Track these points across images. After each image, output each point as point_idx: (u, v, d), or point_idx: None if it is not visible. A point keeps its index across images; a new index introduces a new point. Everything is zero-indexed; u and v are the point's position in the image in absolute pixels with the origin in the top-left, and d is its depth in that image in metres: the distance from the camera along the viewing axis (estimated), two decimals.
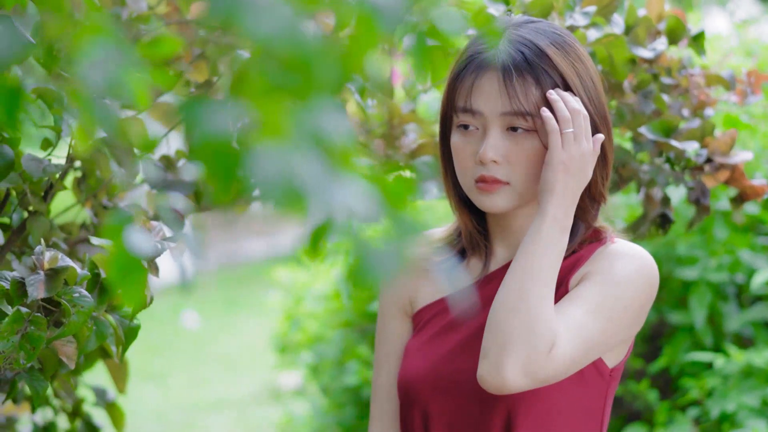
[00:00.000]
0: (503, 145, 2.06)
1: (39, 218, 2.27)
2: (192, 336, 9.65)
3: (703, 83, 2.67)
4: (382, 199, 0.85)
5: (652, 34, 2.59)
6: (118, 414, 2.81)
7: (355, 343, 5.18)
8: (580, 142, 2.02)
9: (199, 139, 0.78)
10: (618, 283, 2.06)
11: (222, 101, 0.82)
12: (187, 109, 0.81)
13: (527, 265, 2.02)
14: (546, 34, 2.09)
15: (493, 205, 2.09)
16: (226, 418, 6.95)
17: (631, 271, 2.08)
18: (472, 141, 2.09)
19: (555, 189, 2.02)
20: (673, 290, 4.21)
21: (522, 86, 2.04)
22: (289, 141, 0.82)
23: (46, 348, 2.07)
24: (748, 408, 3.72)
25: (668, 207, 2.68)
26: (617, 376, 2.15)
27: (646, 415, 4.23)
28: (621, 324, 2.07)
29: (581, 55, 2.11)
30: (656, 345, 4.33)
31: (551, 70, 2.05)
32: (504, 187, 2.07)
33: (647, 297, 2.11)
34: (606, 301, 2.04)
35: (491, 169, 2.06)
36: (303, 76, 0.78)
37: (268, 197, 0.82)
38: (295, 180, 0.81)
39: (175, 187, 2.43)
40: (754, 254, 4.06)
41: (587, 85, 2.09)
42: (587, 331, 2.01)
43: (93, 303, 2.01)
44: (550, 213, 2.02)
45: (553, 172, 2.02)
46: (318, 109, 0.83)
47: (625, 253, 2.10)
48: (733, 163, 2.58)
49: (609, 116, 2.14)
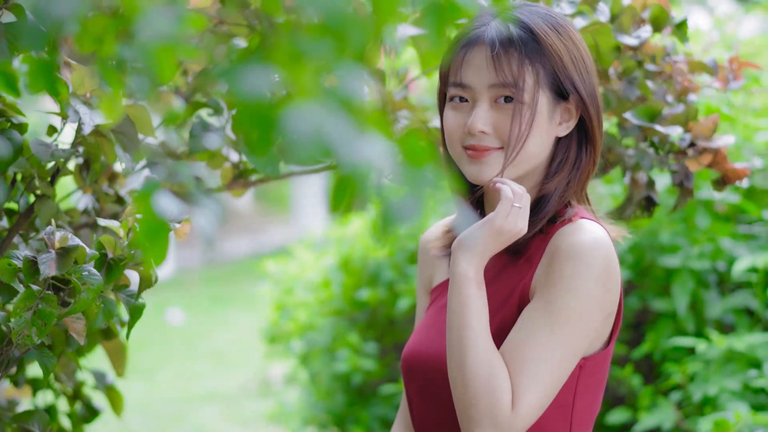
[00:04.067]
0: (492, 116, 2.10)
1: (46, 201, 2.34)
2: (178, 332, 9.71)
3: (687, 70, 2.73)
4: (402, 156, 0.93)
5: (636, 22, 2.66)
6: (117, 397, 2.87)
7: (345, 331, 5.26)
8: (518, 220, 2.05)
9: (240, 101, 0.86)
10: (568, 289, 2.02)
11: (257, 67, 0.90)
12: (228, 74, 0.88)
13: (458, 336, 2.02)
14: (540, 15, 2.14)
15: (482, 173, 2.12)
16: (215, 411, 7.00)
17: (580, 272, 2.03)
18: (463, 113, 2.14)
19: (475, 248, 2.04)
20: (656, 278, 4.27)
21: (509, 59, 2.08)
22: (318, 102, 0.90)
23: (55, 325, 2.14)
24: (729, 392, 3.77)
25: (653, 190, 2.74)
26: (593, 367, 2.12)
27: (629, 399, 4.29)
28: (583, 329, 2.04)
29: (575, 38, 2.15)
30: (639, 331, 4.39)
31: (544, 49, 2.10)
32: (494, 152, 2.11)
33: (602, 289, 2.05)
34: (559, 318, 2.02)
35: (481, 138, 2.10)
36: (335, 41, 0.86)
37: (299, 155, 0.90)
38: (325, 138, 0.89)
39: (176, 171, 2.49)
40: (735, 242, 4.13)
41: (580, 67, 2.13)
42: (547, 366, 2.00)
43: (101, 281, 2.07)
44: (462, 269, 2.03)
45: (485, 234, 2.04)
46: (344, 73, 0.91)
47: (575, 252, 2.04)
48: (716, 147, 2.64)
49: (600, 100, 2.18)
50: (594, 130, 2.17)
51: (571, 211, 2.15)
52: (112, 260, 2.15)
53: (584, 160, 2.17)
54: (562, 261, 2.04)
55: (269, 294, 5.98)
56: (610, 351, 2.16)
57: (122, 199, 2.66)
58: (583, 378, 2.11)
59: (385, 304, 5.23)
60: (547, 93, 2.10)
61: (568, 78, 2.12)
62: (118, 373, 2.79)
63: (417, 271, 2.44)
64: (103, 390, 2.89)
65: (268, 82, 0.90)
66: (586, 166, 2.18)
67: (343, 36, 0.87)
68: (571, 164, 2.17)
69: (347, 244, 5.43)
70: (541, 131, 2.11)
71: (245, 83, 0.91)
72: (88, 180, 2.44)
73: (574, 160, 2.17)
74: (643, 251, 4.28)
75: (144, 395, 7.39)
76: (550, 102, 2.11)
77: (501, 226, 2.03)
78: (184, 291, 11.91)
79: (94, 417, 2.90)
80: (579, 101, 2.13)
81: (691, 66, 2.75)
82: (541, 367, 2.00)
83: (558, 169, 2.16)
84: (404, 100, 2.79)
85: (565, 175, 2.15)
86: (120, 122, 2.26)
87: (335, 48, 0.87)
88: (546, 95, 2.10)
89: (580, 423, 2.13)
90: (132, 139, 2.30)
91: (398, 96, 2.79)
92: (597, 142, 2.18)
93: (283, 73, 0.91)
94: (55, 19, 0.90)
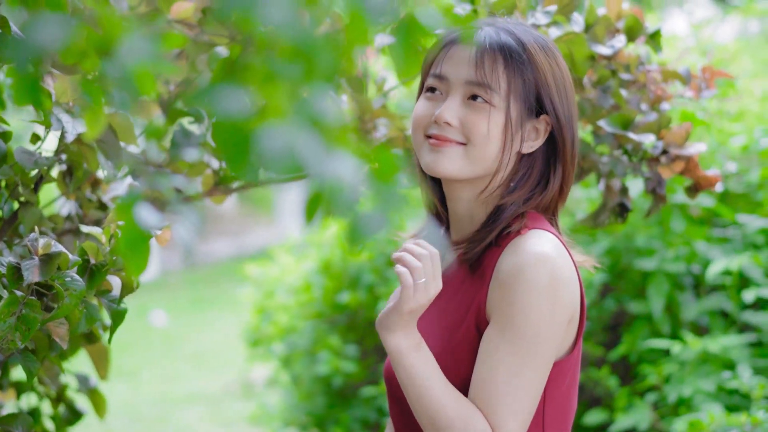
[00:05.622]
0: (461, 111, 2.10)
1: (30, 208, 2.37)
2: (162, 334, 9.73)
3: (660, 79, 2.76)
4: (370, 172, 0.98)
5: (611, 31, 2.69)
6: (100, 400, 2.91)
7: (326, 334, 5.30)
8: (428, 288, 2.04)
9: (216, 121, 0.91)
10: (518, 312, 2.01)
11: (231, 88, 0.95)
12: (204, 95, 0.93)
13: (421, 404, 2.04)
14: (532, 34, 2.15)
15: (438, 164, 2.11)
16: (198, 412, 7.02)
17: (524, 293, 2.02)
18: (434, 104, 2.15)
19: (395, 328, 2.05)
20: (632, 280, 4.33)
21: (492, 62, 2.10)
22: (290, 122, 0.95)
23: (38, 330, 2.17)
24: (703, 393, 3.83)
25: (626, 197, 2.77)
26: (559, 372, 2.13)
27: (606, 400, 4.35)
28: (544, 345, 2.03)
29: (561, 64, 2.16)
30: (616, 333, 4.45)
31: (528, 63, 2.10)
32: (456, 147, 2.11)
33: (551, 302, 2.03)
34: (516, 342, 2.01)
35: (444, 129, 2.10)
36: (306, 65, 0.91)
37: (273, 170, 0.95)
38: (297, 156, 0.94)
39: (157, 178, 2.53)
40: (710, 245, 4.19)
41: (561, 90, 2.14)
42: (519, 391, 2.02)
43: (84, 287, 2.11)
44: (392, 347, 2.05)
45: (399, 317, 2.04)
46: (315, 93, 0.96)
47: (516, 272, 2.03)
48: (688, 155, 2.67)
49: (576, 124, 2.17)
50: (566, 155, 2.16)
51: (523, 222, 2.12)
52: (95, 266, 2.17)
53: (551, 184, 2.16)
54: (507, 284, 2.03)
55: (250, 297, 6.02)
56: (577, 354, 2.16)
57: (105, 206, 2.69)
58: (550, 384, 2.10)
59: (365, 306, 5.27)
60: (518, 105, 2.10)
61: (549, 96, 2.12)
62: (101, 376, 2.82)
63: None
64: (86, 393, 2.93)
65: (243, 101, 0.95)
66: (551, 192, 2.16)
67: (312, 59, 0.92)
68: (533, 184, 2.15)
69: (327, 248, 5.47)
70: (507, 139, 2.10)
71: (221, 103, 0.96)
72: (72, 187, 2.46)
73: (537, 180, 2.15)
74: (620, 254, 4.34)
75: (127, 397, 7.42)
76: (519, 115, 2.10)
77: (411, 308, 2.03)
78: (167, 293, 11.93)
79: (78, 419, 2.94)
80: (555, 122, 2.13)
81: (664, 75, 2.78)
82: (514, 396, 2.01)
83: (518, 186, 2.14)
84: (383, 108, 2.83)
85: (524, 193, 2.14)
86: (102, 131, 2.29)
87: (305, 70, 0.92)
88: (517, 107, 2.10)
89: (554, 428, 2.14)
90: (114, 147, 2.33)
91: (377, 104, 2.82)
92: (567, 168, 2.16)
93: (258, 92, 0.96)
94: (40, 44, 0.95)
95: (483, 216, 2.17)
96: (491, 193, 2.15)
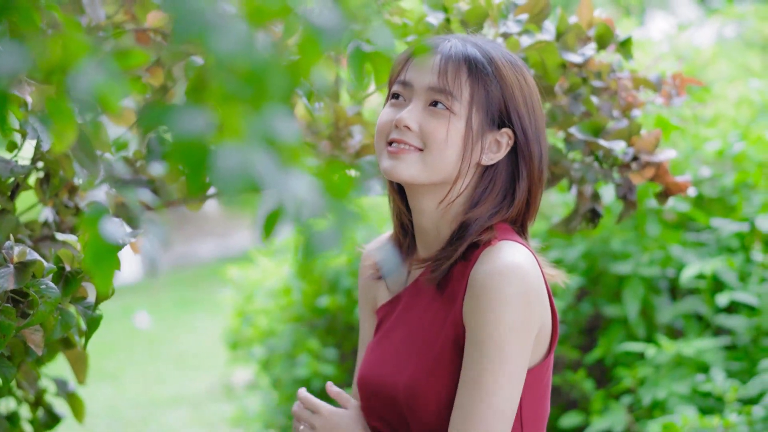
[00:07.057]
0: (422, 116, 2.12)
1: (6, 216, 2.40)
2: (145, 336, 9.73)
3: (631, 86, 2.79)
4: (325, 191, 1.02)
5: (582, 39, 2.71)
6: (78, 404, 2.92)
7: (305, 337, 5.33)
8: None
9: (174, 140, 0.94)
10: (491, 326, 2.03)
11: (188, 107, 0.98)
12: (161, 114, 0.96)
13: None
14: (500, 49, 2.18)
15: (396, 170, 2.12)
16: (180, 413, 7.03)
17: (496, 305, 2.03)
18: (397, 110, 2.17)
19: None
20: (608, 284, 4.36)
21: (455, 70, 2.12)
22: (245, 141, 0.98)
23: (14, 337, 2.19)
24: (678, 395, 3.86)
25: (598, 202, 2.80)
26: (535, 377, 2.16)
27: (582, 403, 4.39)
28: (519, 355, 2.05)
29: (529, 81, 2.18)
30: (592, 337, 4.48)
31: (494, 77, 2.12)
32: (414, 153, 2.12)
33: (523, 311, 2.05)
34: (491, 356, 2.03)
35: (405, 134, 2.12)
36: (257, 87, 0.95)
37: (227, 189, 0.98)
38: (252, 174, 0.97)
39: (133, 185, 2.56)
40: (684, 250, 4.22)
41: (528, 105, 2.16)
42: (501, 402, 2.04)
43: (59, 294, 2.13)
44: None
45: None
46: (270, 114, 0.99)
47: (487, 286, 2.04)
48: (658, 161, 2.70)
49: (545, 140, 2.18)
50: (533, 170, 2.17)
51: (492, 234, 2.14)
52: (70, 273, 2.20)
53: (517, 199, 2.17)
54: (478, 299, 2.04)
55: (231, 300, 6.04)
56: (551, 359, 2.19)
57: (82, 212, 2.71)
58: (527, 389, 2.13)
59: (344, 310, 5.30)
60: (480, 115, 2.12)
61: (516, 110, 2.14)
62: (80, 381, 2.84)
63: (359, 290, 2.44)
64: (64, 397, 2.94)
65: (201, 122, 0.98)
66: (517, 206, 2.18)
67: (265, 82, 0.95)
68: (497, 198, 2.16)
69: None
70: (467, 148, 2.11)
71: (179, 124, 0.99)
72: (48, 194, 2.49)
73: (502, 194, 2.17)
74: (595, 258, 4.37)
75: (110, 399, 7.43)
76: (480, 125, 2.12)
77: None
78: (150, 294, 11.94)
79: (56, 423, 2.95)
80: (522, 137, 2.15)
81: (635, 82, 2.80)
82: (497, 410, 2.04)
83: (480, 200, 2.16)
84: (357, 116, 2.86)
85: (489, 208, 2.15)
86: (77, 139, 2.32)
87: (259, 92, 0.95)
88: (479, 117, 2.12)
89: (531, 430, 2.17)
90: (89, 155, 2.35)
91: (351, 111, 2.85)
92: (534, 183, 2.18)
93: (215, 113, 0.99)
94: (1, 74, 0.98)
95: (448, 232, 2.19)
96: (452, 203, 2.17)
